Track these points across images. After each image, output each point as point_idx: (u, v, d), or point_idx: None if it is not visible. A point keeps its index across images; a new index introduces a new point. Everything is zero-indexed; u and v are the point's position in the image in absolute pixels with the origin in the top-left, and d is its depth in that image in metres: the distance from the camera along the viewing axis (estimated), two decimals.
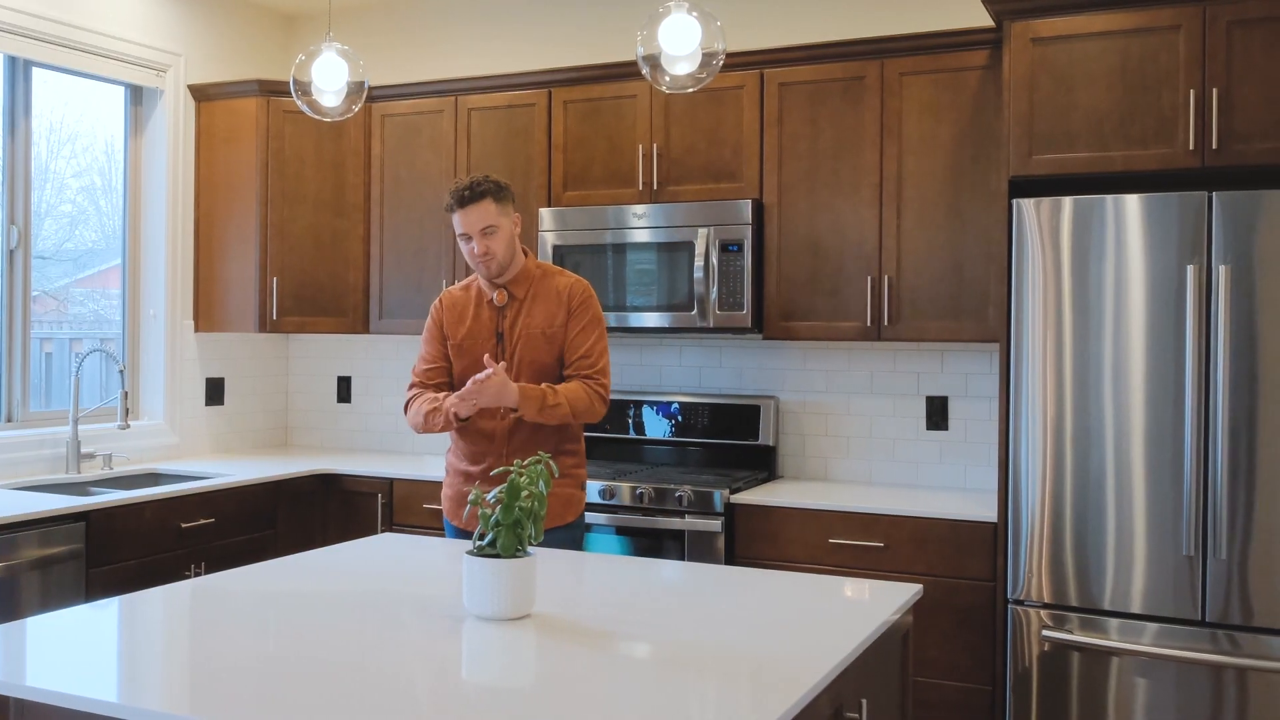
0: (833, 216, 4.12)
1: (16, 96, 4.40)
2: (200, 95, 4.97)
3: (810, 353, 4.49)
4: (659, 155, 4.37)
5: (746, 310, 4.14)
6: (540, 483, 2.20)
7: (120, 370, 4.43)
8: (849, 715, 2.05)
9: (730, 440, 4.47)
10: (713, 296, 4.18)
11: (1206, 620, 3.24)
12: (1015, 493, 3.49)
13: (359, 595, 2.44)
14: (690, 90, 2.91)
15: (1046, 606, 3.44)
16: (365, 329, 5.00)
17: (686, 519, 3.97)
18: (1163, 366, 3.30)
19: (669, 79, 2.84)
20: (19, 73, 4.40)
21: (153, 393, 4.93)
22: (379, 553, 2.91)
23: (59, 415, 4.51)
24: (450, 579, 2.56)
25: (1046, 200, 3.43)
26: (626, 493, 4.07)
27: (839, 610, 2.37)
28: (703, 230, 4.19)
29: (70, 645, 2.06)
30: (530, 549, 2.25)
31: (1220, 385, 3.23)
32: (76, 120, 4.77)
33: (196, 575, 4.02)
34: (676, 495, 3.99)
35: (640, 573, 2.74)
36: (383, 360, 5.35)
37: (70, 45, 4.46)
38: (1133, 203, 3.33)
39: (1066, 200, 3.41)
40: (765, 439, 4.43)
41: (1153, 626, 3.30)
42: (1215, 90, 3.31)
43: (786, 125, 4.18)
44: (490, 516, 2.19)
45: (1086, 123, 3.46)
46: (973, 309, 3.93)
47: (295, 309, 4.90)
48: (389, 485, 4.57)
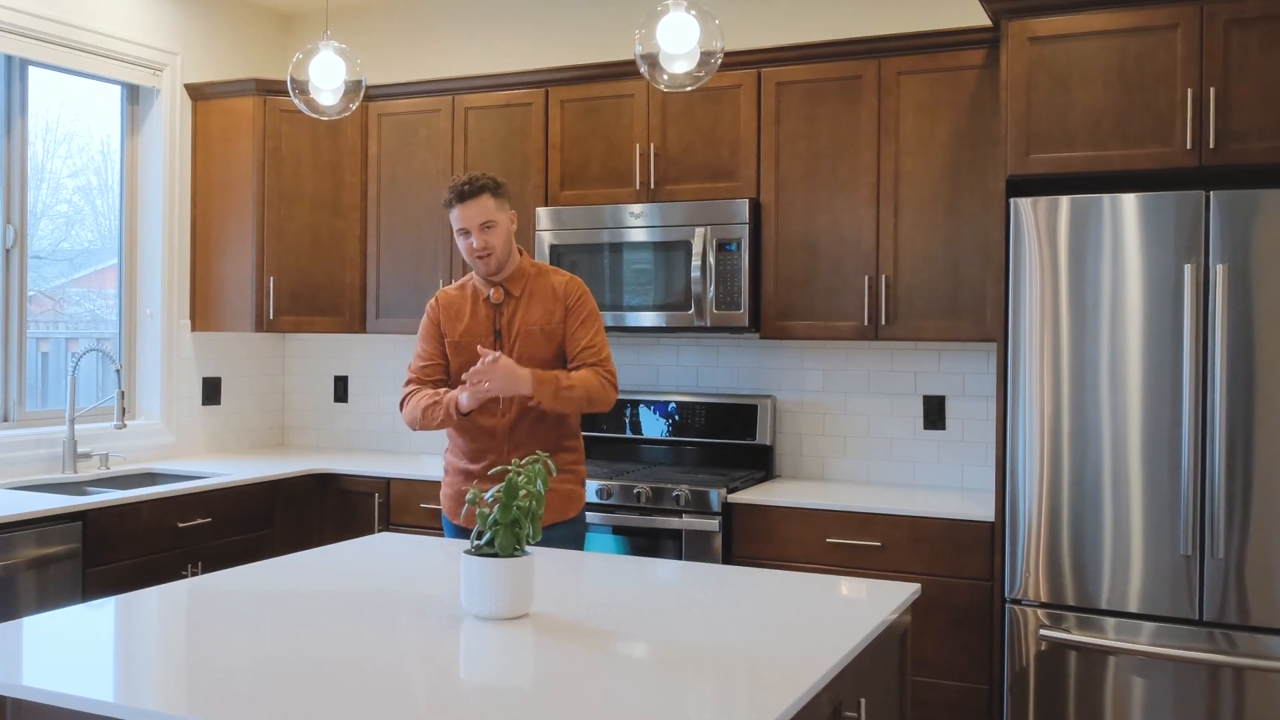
0: (830, 216, 4.12)
1: (13, 96, 4.39)
2: (197, 94, 4.96)
3: (807, 352, 4.49)
4: (656, 154, 4.37)
5: (744, 310, 4.14)
6: (538, 482, 2.19)
7: (117, 370, 4.42)
8: (848, 715, 2.05)
9: (727, 440, 4.47)
10: (710, 296, 4.18)
11: (1204, 620, 3.24)
12: (1012, 492, 3.49)
13: (356, 595, 2.44)
14: (689, 89, 2.91)
15: (1044, 606, 3.44)
16: (362, 328, 4.99)
17: (684, 518, 3.97)
18: (1160, 366, 3.30)
19: (667, 77, 2.83)
20: (15, 72, 4.39)
21: (149, 392, 4.92)
22: (376, 552, 2.90)
23: (55, 415, 4.51)
24: (448, 579, 2.56)
25: (1044, 199, 3.43)
26: (624, 492, 4.06)
27: (837, 610, 2.37)
28: (700, 229, 4.19)
29: (67, 645, 2.05)
30: (528, 548, 2.24)
31: (1218, 384, 3.23)
32: (73, 120, 4.77)
33: (193, 575, 4.01)
34: (674, 495, 3.99)
35: (638, 572, 2.74)
36: (380, 360, 5.35)
37: (67, 44, 4.45)
38: (1130, 202, 3.33)
39: (1064, 199, 3.41)
40: (762, 438, 4.42)
41: (1150, 626, 3.30)
42: (1213, 89, 3.31)
43: (784, 124, 4.18)
44: (488, 516, 2.19)
45: (1084, 122, 3.46)
46: (970, 308, 3.93)
47: (292, 308, 4.89)
48: (386, 485, 4.57)
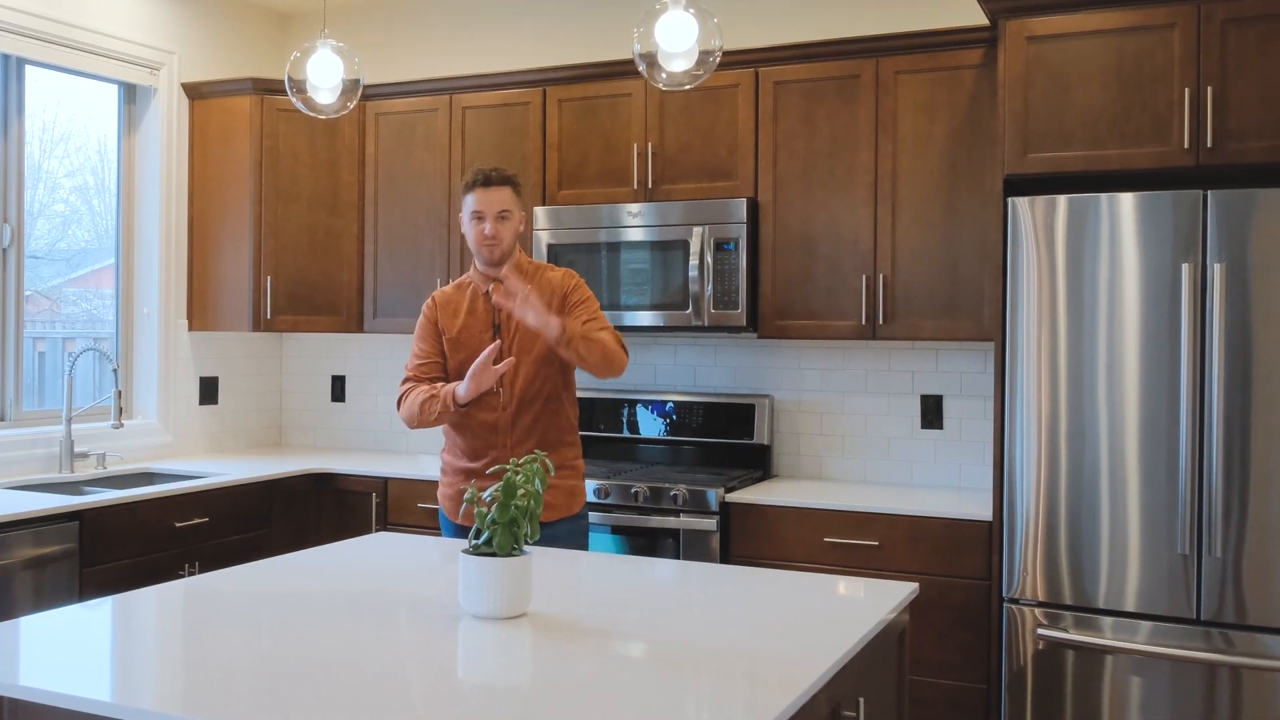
0: (828, 215, 4.11)
1: (9, 95, 4.38)
2: (194, 93, 4.96)
3: (805, 351, 4.49)
4: (654, 154, 4.37)
5: (741, 309, 4.14)
6: (536, 481, 2.19)
7: (114, 369, 4.42)
8: (846, 714, 2.05)
9: (725, 439, 4.47)
10: (707, 295, 4.18)
11: (1201, 619, 3.25)
12: (1010, 491, 3.49)
13: (354, 594, 2.43)
14: (687, 87, 2.91)
15: (1041, 605, 3.44)
16: (359, 328, 4.99)
17: (682, 518, 3.97)
18: (1157, 365, 3.30)
19: (666, 76, 2.83)
20: (12, 71, 4.38)
21: (146, 392, 4.92)
22: (374, 552, 2.90)
23: (52, 414, 4.50)
24: (446, 578, 2.56)
25: (1041, 199, 3.44)
26: (622, 492, 4.06)
27: (836, 609, 2.37)
28: (697, 229, 4.18)
29: (64, 645, 2.05)
30: (526, 548, 2.24)
31: (1215, 383, 3.23)
32: (69, 120, 4.76)
33: (190, 575, 4.00)
34: (671, 494, 3.98)
35: (636, 572, 2.74)
36: (377, 359, 5.35)
37: (64, 43, 4.45)
38: (1128, 201, 3.33)
39: (1061, 199, 3.41)
40: (760, 438, 4.42)
41: (1147, 625, 3.31)
42: (1210, 89, 3.31)
43: (781, 124, 4.18)
44: (486, 515, 2.19)
45: (1082, 121, 3.46)
46: (967, 307, 3.93)
47: (289, 308, 4.88)
48: (383, 484, 4.56)
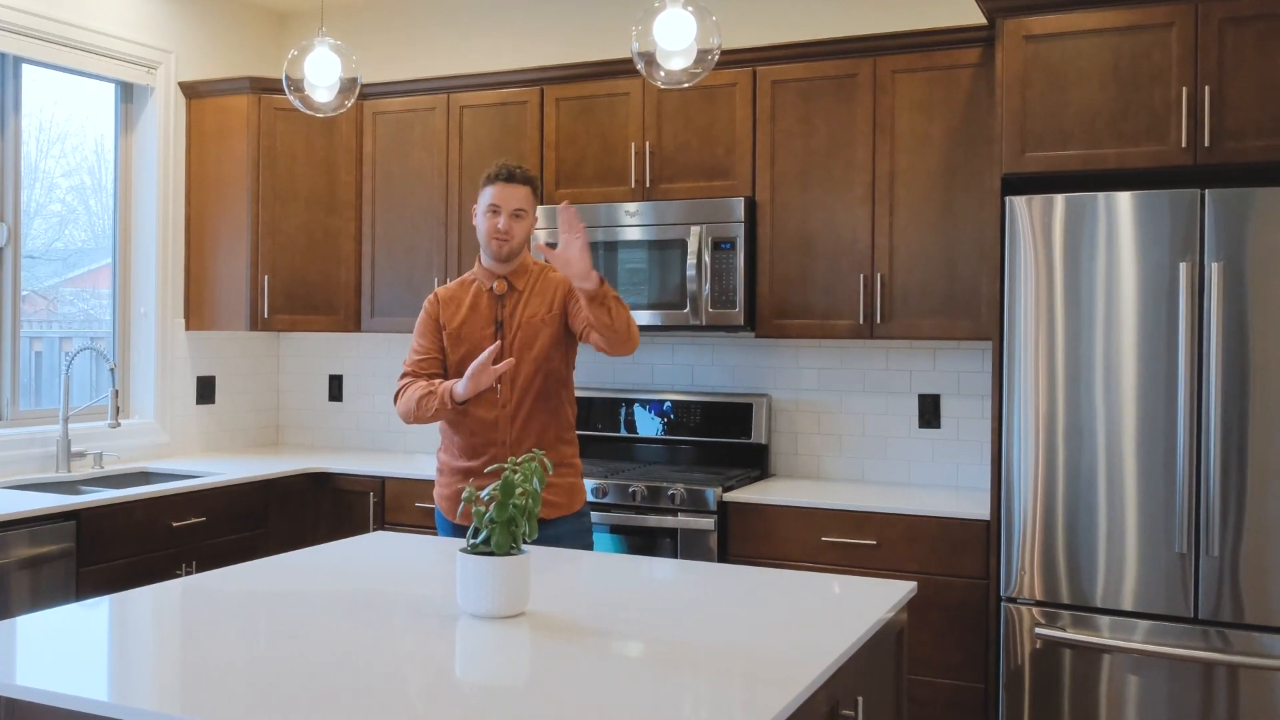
0: (825, 214, 4.11)
1: (6, 94, 4.38)
2: (191, 92, 4.95)
3: (802, 351, 4.49)
4: (651, 153, 4.37)
5: (739, 308, 4.13)
6: (534, 480, 2.19)
7: (111, 369, 4.41)
8: (845, 713, 2.05)
9: (722, 438, 4.47)
10: (705, 294, 4.17)
11: (1199, 618, 3.25)
12: (1007, 490, 3.49)
13: (351, 594, 2.43)
14: (685, 86, 2.91)
15: (1039, 604, 3.44)
16: (357, 327, 4.98)
17: (679, 517, 3.97)
18: (1155, 364, 3.30)
19: (664, 74, 2.83)
20: (8, 70, 4.38)
21: (143, 391, 4.91)
22: (371, 551, 2.90)
23: (49, 414, 4.49)
24: (443, 577, 2.55)
25: (1038, 198, 3.44)
26: (619, 491, 4.06)
27: (834, 608, 2.37)
28: (695, 228, 4.18)
29: (61, 644, 2.05)
30: (524, 547, 2.24)
31: (1213, 382, 3.23)
32: (66, 119, 4.75)
33: (187, 574, 3.98)
34: (669, 493, 3.98)
35: (634, 571, 2.73)
36: (374, 359, 5.34)
37: (60, 42, 4.44)
38: (1125, 200, 3.34)
39: (1059, 198, 3.41)
40: (757, 437, 4.42)
41: (1144, 624, 3.31)
42: (1208, 88, 3.31)
43: (779, 123, 4.18)
44: (484, 514, 2.18)
45: (1079, 120, 3.46)
46: (965, 307, 3.93)
47: (286, 307, 4.88)
48: (381, 484, 4.56)
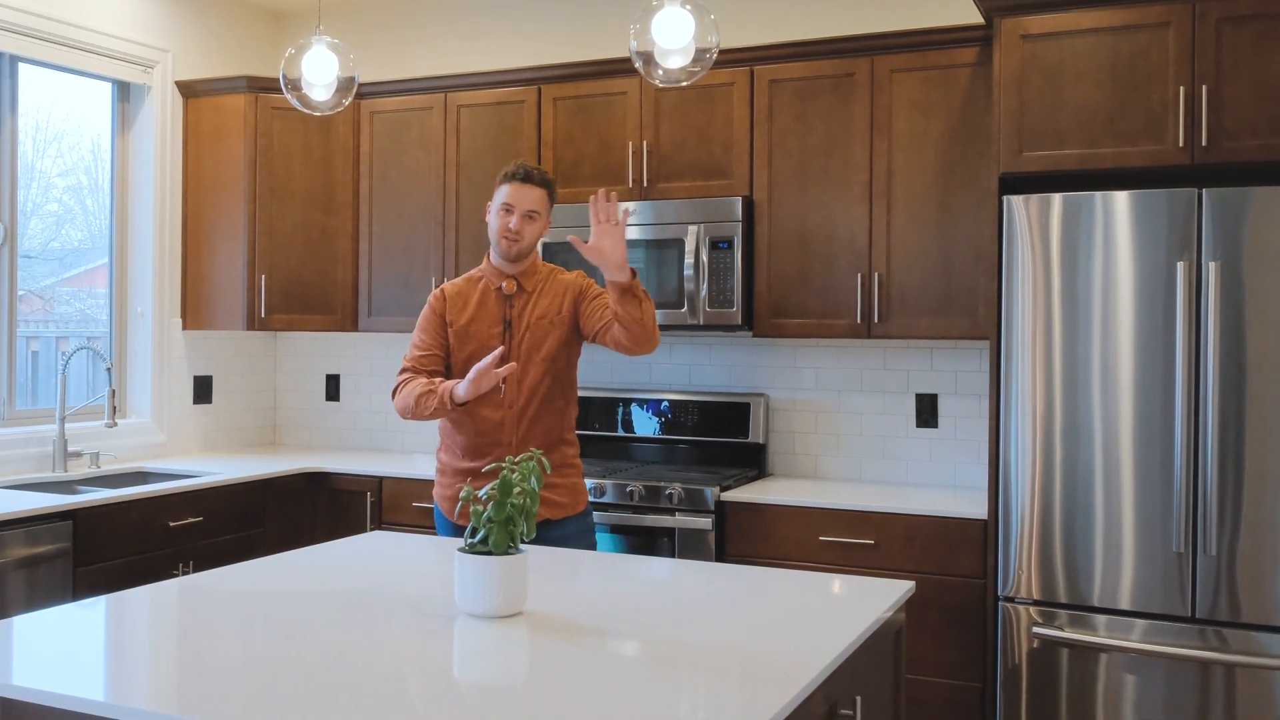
0: (823, 213, 4.11)
1: (2, 93, 4.37)
2: (188, 92, 4.95)
3: (800, 350, 4.49)
4: (649, 152, 4.37)
5: (736, 307, 4.13)
6: (532, 479, 2.18)
7: (107, 368, 4.40)
8: (844, 713, 2.05)
9: (720, 438, 4.47)
10: (703, 294, 4.17)
11: (1196, 617, 3.25)
12: (1005, 490, 3.49)
13: (349, 593, 2.42)
14: (684, 84, 2.90)
15: (1036, 603, 3.44)
16: (354, 327, 4.98)
17: (677, 516, 3.97)
18: (1152, 363, 3.30)
19: (662, 73, 2.83)
20: (4, 69, 4.37)
21: (140, 391, 4.91)
22: (369, 551, 2.89)
23: (46, 413, 4.49)
24: (441, 577, 2.55)
25: (1035, 197, 3.44)
26: (617, 490, 4.06)
27: (832, 608, 2.37)
28: (693, 227, 4.18)
29: (57, 644, 2.04)
30: (522, 546, 2.24)
31: (1210, 382, 3.23)
32: (63, 119, 4.75)
33: (184, 574, 3.99)
34: (667, 493, 3.98)
35: (632, 570, 2.73)
36: (372, 358, 5.34)
37: (57, 41, 4.44)
38: (1122, 199, 3.34)
39: (1056, 197, 3.41)
40: (755, 436, 4.42)
41: (1142, 623, 3.31)
42: (1205, 87, 3.31)
43: (776, 122, 4.18)
44: (482, 513, 2.18)
45: (1077, 120, 3.47)
46: (962, 306, 3.93)
47: (283, 306, 4.88)
48: (378, 483, 4.55)
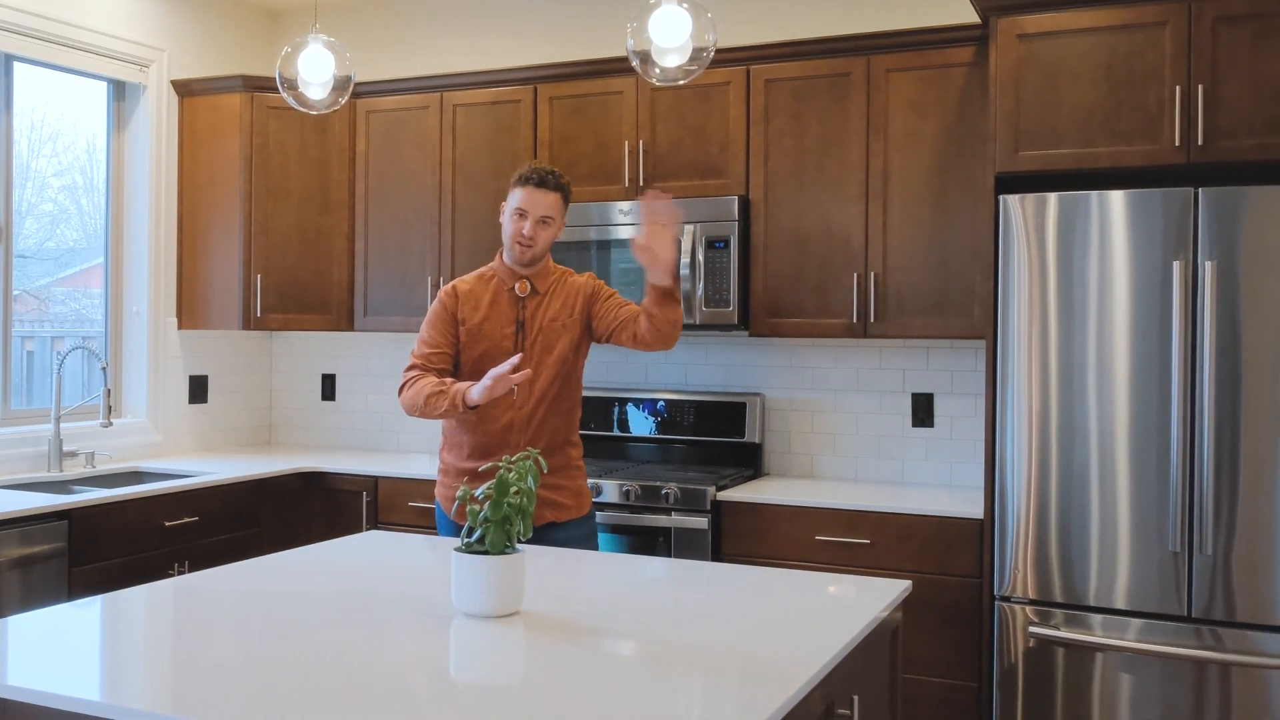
0: (819, 213, 4.11)
1: None
2: (184, 91, 4.94)
3: (796, 350, 4.49)
4: (645, 152, 4.36)
5: (733, 307, 4.13)
6: (529, 478, 2.18)
7: (103, 368, 4.39)
8: (841, 712, 2.04)
9: (716, 437, 4.47)
10: (699, 293, 4.17)
11: (1191, 616, 3.25)
12: (1001, 489, 3.49)
13: (345, 593, 2.42)
14: (681, 83, 2.90)
15: (1032, 603, 3.44)
16: (350, 326, 4.97)
17: (673, 516, 3.96)
18: (1148, 362, 3.30)
19: (659, 71, 2.83)
20: (0, 67, 4.37)
21: (135, 391, 4.90)
22: (364, 551, 2.89)
23: (41, 413, 4.48)
24: (437, 577, 2.55)
25: (1032, 196, 3.44)
26: (613, 490, 4.06)
27: (829, 607, 2.37)
28: (689, 227, 4.18)
29: (53, 644, 2.04)
30: (519, 546, 2.23)
31: (1206, 381, 3.24)
32: (58, 119, 4.74)
33: (180, 574, 3.98)
34: (663, 493, 3.98)
35: (628, 570, 2.73)
36: (367, 358, 5.33)
37: (52, 40, 4.43)
38: (1118, 199, 3.34)
39: (1052, 196, 3.41)
40: (751, 436, 4.42)
41: (1137, 622, 3.31)
42: (1201, 87, 3.32)
43: (773, 122, 4.18)
44: (479, 513, 2.18)
45: (1073, 119, 3.47)
46: (958, 305, 3.93)
47: (279, 306, 4.87)
48: (374, 483, 4.55)
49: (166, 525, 4.01)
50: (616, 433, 4.63)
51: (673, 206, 2.94)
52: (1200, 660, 3.23)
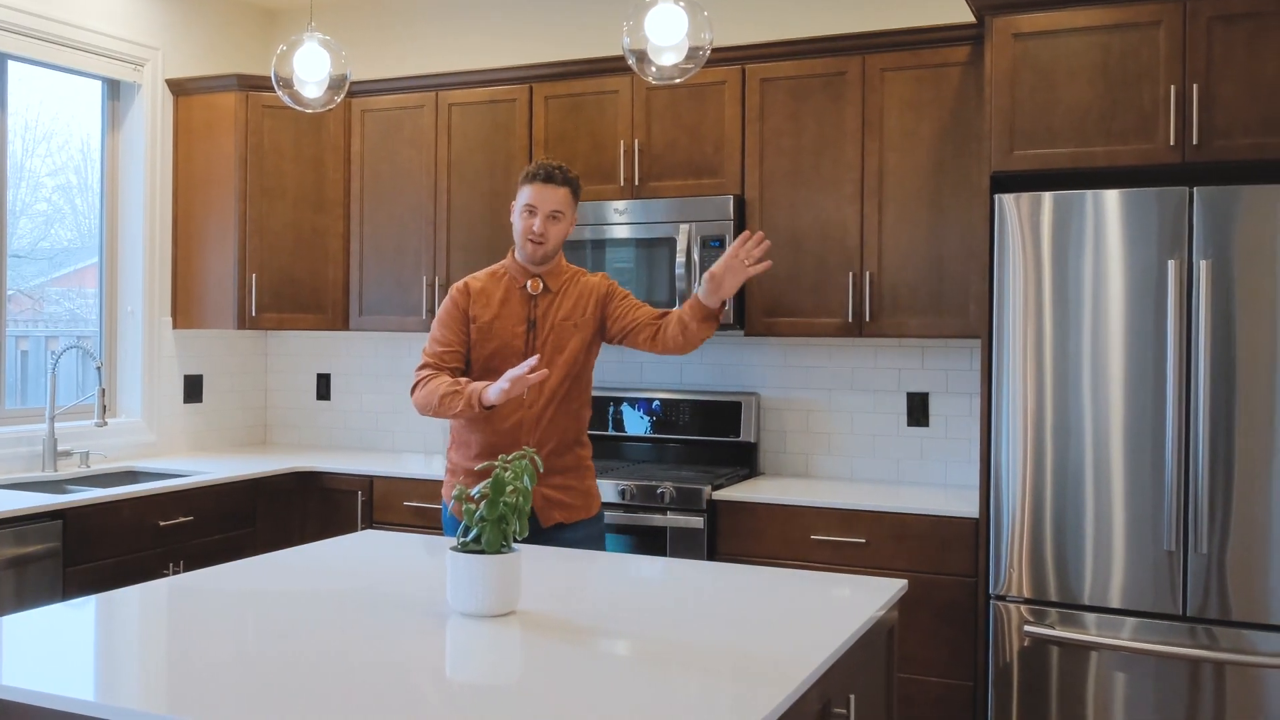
0: (814, 212, 4.11)
1: None
2: (178, 90, 4.93)
3: (791, 349, 4.49)
4: (640, 151, 4.36)
5: (728, 306, 4.12)
6: (525, 478, 2.18)
7: (97, 367, 4.38)
8: (837, 711, 2.05)
9: (711, 437, 4.47)
10: (693, 293, 4.16)
11: (1186, 615, 3.26)
12: (996, 488, 3.49)
13: (340, 593, 2.42)
14: (677, 81, 2.90)
15: (1027, 602, 3.44)
16: (345, 326, 4.97)
17: (669, 515, 3.96)
18: (1143, 362, 3.31)
19: (655, 70, 2.82)
20: None
21: (130, 390, 4.89)
22: (360, 550, 2.88)
23: (35, 413, 4.47)
24: (433, 576, 2.54)
25: (1027, 196, 3.44)
26: (609, 490, 4.05)
27: (825, 606, 2.37)
28: (684, 226, 4.18)
29: (47, 644, 2.03)
30: (515, 545, 2.23)
31: (1201, 380, 3.24)
32: (52, 119, 4.73)
33: (174, 574, 3.97)
34: (659, 492, 3.98)
35: (625, 569, 2.73)
36: (362, 357, 5.33)
37: (46, 38, 4.42)
38: (1113, 198, 3.34)
39: (1047, 195, 3.42)
40: (746, 435, 4.42)
41: (1132, 621, 3.31)
42: (1196, 86, 3.32)
43: (768, 121, 4.18)
44: (475, 512, 2.18)
45: (1068, 118, 3.47)
46: (954, 305, 3.94)
47: (274, 305, 4.86)
48: (369, 483, 4.54)
49: (161, 525, 4.01)
50: (612, 432, 4.63)
51: (761, 250, 2.94)
52: (1195, 659, 3.24)
